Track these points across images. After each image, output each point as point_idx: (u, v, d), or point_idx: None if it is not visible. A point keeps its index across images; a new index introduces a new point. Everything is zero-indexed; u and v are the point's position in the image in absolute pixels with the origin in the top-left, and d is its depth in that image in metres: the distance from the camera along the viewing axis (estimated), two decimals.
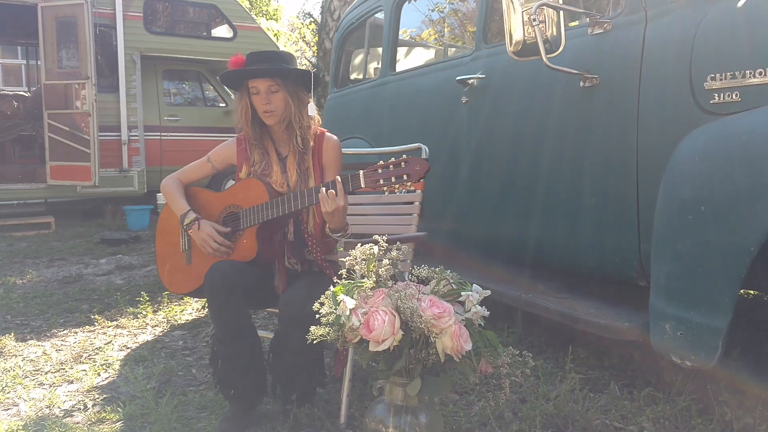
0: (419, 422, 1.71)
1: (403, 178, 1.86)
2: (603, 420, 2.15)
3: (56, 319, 3.64)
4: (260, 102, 2.18)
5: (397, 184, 1.87)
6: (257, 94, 2.18)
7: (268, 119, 2.21)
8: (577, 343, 2.71)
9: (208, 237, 2.18)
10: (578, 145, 2.41)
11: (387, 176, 1.88)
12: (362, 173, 1.92)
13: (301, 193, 2.06)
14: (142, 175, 7.89)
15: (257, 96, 2.19)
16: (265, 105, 2.18)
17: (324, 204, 1.95)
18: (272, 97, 2.18)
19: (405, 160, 1.87)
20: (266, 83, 2.17)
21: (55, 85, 7.20)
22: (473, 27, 3.53)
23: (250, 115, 2.23)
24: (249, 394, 2.18)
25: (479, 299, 1.70)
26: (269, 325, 3.40)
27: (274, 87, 2.17)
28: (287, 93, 2.20)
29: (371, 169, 1.91)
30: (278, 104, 2.19)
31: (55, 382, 2.70)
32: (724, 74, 1.90)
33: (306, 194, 2.05)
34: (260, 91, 2.18)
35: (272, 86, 2.17)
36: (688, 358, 1.82)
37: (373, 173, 1.90)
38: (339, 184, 1.94)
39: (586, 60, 2.35)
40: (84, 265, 5.34)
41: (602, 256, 2.39)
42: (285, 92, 2.19)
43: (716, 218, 1.77)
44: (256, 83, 2.17)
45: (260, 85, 2.17)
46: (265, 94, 2.17)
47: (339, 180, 1.95)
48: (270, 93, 2.17)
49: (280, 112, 2.21)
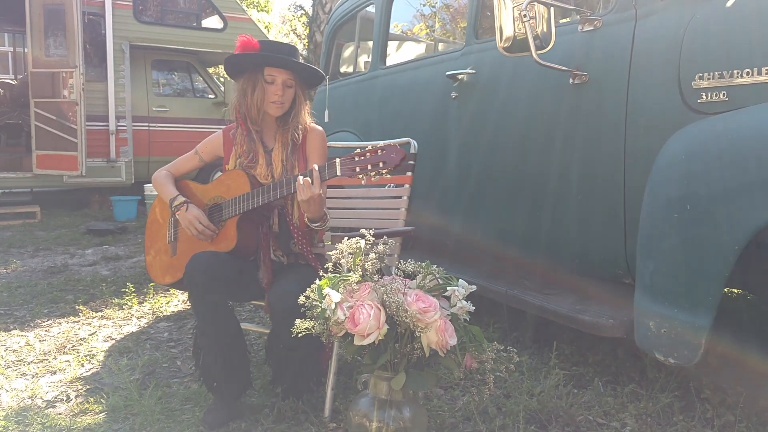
0: (403, 416, 1.71)
1: (379, 166, 1.85)
2: (586, 416, 2.16)
3: (40, 310, 3.61)
4: (273, 91, 2.18)
5: (373, 172, 1.86)
6: (272, 84, 2.18)
7: (275, 110, 2.21)
8: (562, 339, 2.72)
9: (194, 218, 2.19)
10: (566, 142, 2.42)
11: (363, 165, 1.87)
12: (338, 161, 1.92)
13: (279, 183, 2.06)
14: (130, 165, 7.84)
15: (271, 85, 2.18)
16: (278, 96, 2.18)
17: (299, 192, 1.95)
18: (286, 91, 2.20)
19: (382, 148, 1.86)
20: (285, 75, 2.18)
21: (43, 73, 7.13)
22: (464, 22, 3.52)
23: (263, 104, 2.21)
24: (232, 385, 2.18)
25: (465, 294, 1.71)
26: (255, 318, 3.39)
27: (290, 81, 2.20)
28: (299, 90, 2.23)
29: (348, 158, 1.91)
30: (288, 98, 2.21)
31: (38, 372, 2.68)
32: (712, 74, 1.91)
33: (285, 183, 2.05)
34: (277, 81, 2.18)
35: (289, 80, 2.19)
36: (672, 355, 1.83)
37: (349, 161, 1.90)
38: (315, 172, 1.94)
39: (575, 57, 2.35)
40: (69, 255, 5.30)
41: (588, 252, 2.40)
42: (298, 89, 2.23)
43: (701, 217, 1.78)
44: (275, 73, 2.17)
45: (279, 76, 2.17)
46: (281, 85, 2.18)
47: (316, 168, 1.95)
48: (285, 86, 2.19)
49: (287, 106, 2.23)
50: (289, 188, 2.03)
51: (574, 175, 2.39)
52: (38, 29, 7.09)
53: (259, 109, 2.21)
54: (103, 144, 7.65)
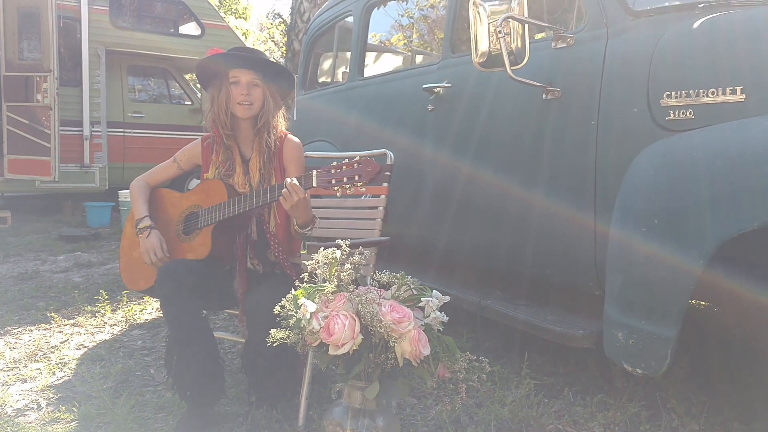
0: (377, 425, 1.73)
1: (355, 179, 1.88)
2: (556, 425, 2.20)
3: (11, 317, 3.56)
4: (239, 92, 2.18)
5: (348, 184, 1.89)
6: (236, 84, 2.19)
7: (243, 112, 2.21)
8: (534, 349, 2.76)
9: (151, 248, 2.21)
10: (539, 155, 2.47)
11: (339, 177, 1.91)
12: (315, 173, 1.96)
13: (256, 193, 2.09)
14: (104, 171, 7.76)
15: (236, 86, 2.19)
16: (244, 96, 2.19)
17: (284, 201, 1.98)
18: (252, 90, 2.20)
19: (358, 161, 1.90)
20: (249, 75, 2.19)
21: (16, 77, 7.04)
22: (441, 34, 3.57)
23: (230, 103, 2.22)
24: (205, 394, 2.17)
25: (438, 305, 1.73)
26: (229, 327, 3.39)
27: (256, 81, 2.20)
28: (267, 91, 2.23)
29: (324, 170, 1.95)
30: (256, 98, 2.21)
31: (7, 380, 2.64)
32: (680, 92, 1.97)
33: (261, 193, 2.08)
34: (241, 82, 2.19)
35: (254, 80, 2.19)
36: (639, 365, 1.88)
37: (325, 173, 1.94)
38: (293, 180, 1.97)
39: (548, 73, 2.40)
40: (41, 261, 5.23)
41: (560, 264, 2.45)
42: (265, 89, 2.22)
43: (668, 231, 1.83)
44: (239, 74, 2.19)
45: (243, 76, 2.18)
46: (246, 85, 2.19)
47: (293, 178, 1.98)
48: (251, 86, 2.19)
49: (256, 107, 2.22)
50: (265, 198, 2.06)
51: (546, 188, 2.44)
52: (12, 32, 7.00)
53: (227, 112, 2.22)
54: (77, 149, 7.57)
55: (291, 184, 1.96)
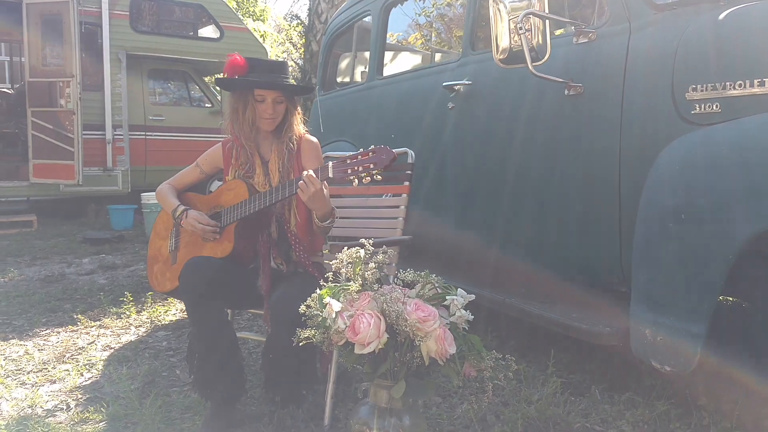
0: (403, 424, 1.72)
1: (370, 167, 1.91)
2: (583, 423, 2.18)
3: (38, 319, 3.61)
4: (264, 109, 2.26)
5: (364, 173, 1.91)
6: (262, 102, 2.26)
7: (269, 125, 2.30)
8: (559, 347, 2.74)
9: (194, 220, 2.26)
10: (562, 152, 2.45)
11: (354, 167, 1.94)
12: (331, 164, 1.99)
13: (275, 188, 2.13)
14: (127, 174, 7.84)
15: (262, 104, 2.26)
16: (269, 113, 2.26)
17: (302, 192, 2.01)
18: (277, 107, 2.28)
19: (372, 150, 1.94)
20: (274, 94, 2.26)
21: (40, 82, 7.14)
22: (460, 32, 3.56)
23: (254, 121, 2.29)
24: (226, 390, 2.18)
25: (464, 303, 1.72)
26: (253, 327, 3.40)
27: (280, 98, 2.28)
28: (289, 104, 2.31)
29: (339, 161, 1.98)
30: (279, 113, 2.30)
31: (37, 381, 2.68)
32: (705, 85, 1.95)
33: (280, 188, 2.11)
34: (267, 100, 2.26)
35: (278, 97, 2.27)
36: (668, 363, 1.86)
37: (341, 164, 1.97)
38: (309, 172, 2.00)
39: (570, 69, 2.38)
40: (66, 264, 5.29)
41: (585, 261, 2.43)
42: (288, 103, 2.31)
43: (696, 226, 1.80)
44: (264, 92, 2.25)
45: (268, 95, 2.25)
46: (272, 103, 2.26)
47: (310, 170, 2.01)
48: (275, 103, 2.26)
49: (278, 120, 2.30)
50: (284, 192, 2.07)
51: (570, 185, 2.42)
52: (35, 39, 7.11)
53: (252, 127, 2.30)
54: (100, 153, 7.66)
55: (307, 175, 1.99)
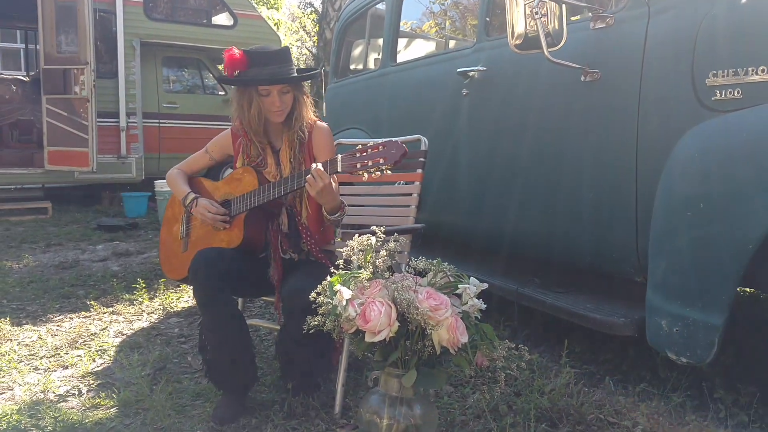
0: (414, 413, 1.71)
1: (380, 162, 1.86)
2: (597, 414, 2.15)
3: (52, 305, 3.63)
4: (271, 103, 2.18)
5: (373, 168, 1.86)
6: (268, 96, 2.17)
7: (278, 117, 2.22)
8: (573, 337, 2.71)
9: (203, 209, 2.23)
10: (578, 139, 2.41)
11: (363, 161, 1.88)
12: (340, 157, 1.94)
13: (285, 179, 2.09)
14: (140, 161, 7.86)
15: (267, 98, 2.17)
16: (277, 106, 2.18)
17: (309, 187, 1.97)
18: (283, 97, 2.19)
19: (383, 144, 1.87)
20: (279, 86, 2.17)
21: (54, 70, 7.15)
22: (474, 20, 3.51)
23: (262, 116, 2.22)
24: (238, 380, 2.19)
25: (476, 292, 1.70)
26: (265, 314, 3.40)
27: (286, 88, 2.19)
28: (296, 92, 2.23)
29: (349, 154, 1.93)
30: (287, 103, 2.21)
31: (50, 366, 2.69)
32: (726, 71, 1.90)
33: (290, 179, 2.07)
34: (272, 93, 2.17)
35: (284, 88, 2.18)
36: (684, 354, 1.82)
37: (350, 158, 1.92)
38: (318, 166, 1.95)
39: (587, 54, 2.34)
40: (80, 250, 5.32)
41: (599, 251, 2.39)
42: (294, 92, 2.22)
43: (715, 215, 1.76)
44: (268, 86, 2.17)
45: (273, 88, 2.17)
46: (277, 95, 2.17)
47: (318, 164, 1.97)
48: (281, 94, 2.18)
49: (288, 110, 2.23)
50: (293, 184, 2.04)
51: (586, 172, 2.38)
52: (50, 26, 7.11)
53: (259, 122, 2.22)
54: (114, 140, 7.68)
55: (316, 169, 1.95)
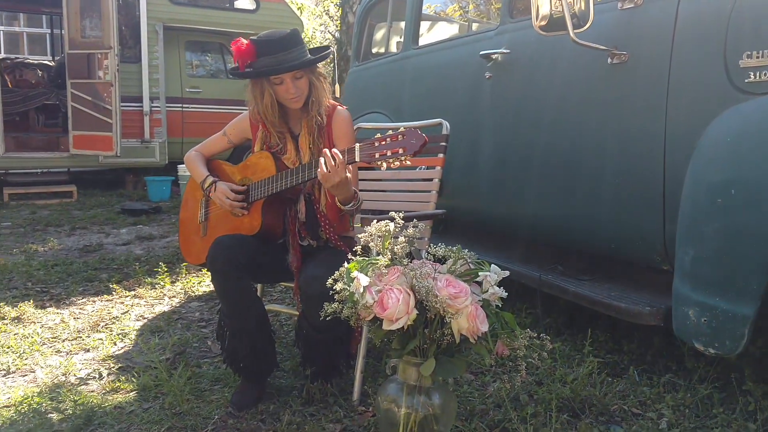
0: (432, 403, 1.68)
1: (399, 152, 1.79)
2: (621, 405, 2.11)
3: (75, 288, 3.66)
4: (285, 90, 2.11)
5: (392, 158, 1.81)
6: (281, 84, 2.10)
7: (295, 104, 2.15)
8: (596, 326, 2.66)
9: (222, 194, 2.20)
10: (604, 123, 2.35)
11: (382, 150, 1.82)
12: (358, 146, 1.87)
13: (302, 167, 2.03)
14: (164, 146, 7.91)
15: (281, 86, 2.10)
16: (291, 93, 2.11)
17: (322, 180, 1.91)
18: (297, 83, 2.11)
19: (402, 133, 1.80)
20: (291, 72, 2.09)
21: (79, 54, 7.20)
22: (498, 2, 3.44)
23: (276, 106, 2.16)
24: (257, 367, 2.18)
25: (497, 280, 1.66)
26: (285, 299, 3.39)
27: (299, 74, 2.11)
28: (311, 76, 2.15)
29: (367, 143, 1.86)
30: (302, 88, 2.13)
31: (71, 350, 2.71)
32: (762, 52, 1.82)
33: (308, 167, 2.02)
34: (285, 80, 2.09)
35: (297, 73, 2.10)
36: (712, 345, 1.77)
37: (369, 147, 1.85)
38: (338, 158, 1.88)
39: (614, 36, 2.27)
40: (104, 234, 5.37)
41: (625, 238, 2.33)
42: (309, 75, 2.14)
43: (747, 202, 1.70)
44: (280, 74, 2.09)
45: (285, 75, 2.09)
46: (291, 81, 2.10)
47: (338, 153, 1.89)
48: (295, 80, 2.10)
49: (305, 95, 2.15)
50: (311, 172, 2.00)
51: (612, 157, 2.32)
52: (74, 11, 7.14)
53: (274, 112, 2.16)
54: (138, 125, 7.73)
55: (331, 165, 1.87)
